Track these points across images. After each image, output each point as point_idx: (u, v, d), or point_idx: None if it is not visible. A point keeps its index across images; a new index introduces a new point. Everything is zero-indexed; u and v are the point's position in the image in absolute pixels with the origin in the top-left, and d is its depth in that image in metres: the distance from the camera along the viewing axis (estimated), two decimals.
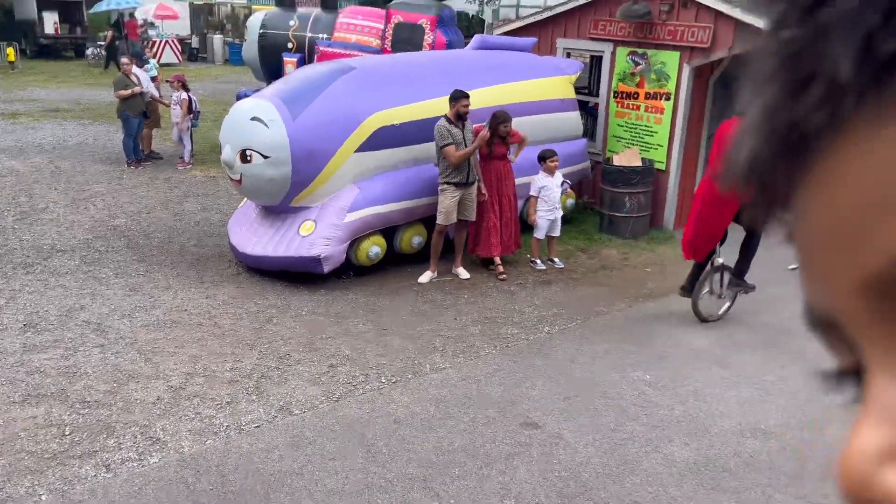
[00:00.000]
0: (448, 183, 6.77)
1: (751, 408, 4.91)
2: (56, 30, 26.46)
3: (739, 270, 6.26)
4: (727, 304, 6.39)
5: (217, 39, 27.00)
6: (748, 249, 6.13)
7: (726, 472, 4.22)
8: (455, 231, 7.09)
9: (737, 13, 7.56)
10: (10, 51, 22.84)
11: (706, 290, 6.26)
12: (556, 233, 7.56)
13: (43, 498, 3.78)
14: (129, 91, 10.50)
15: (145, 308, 6.17)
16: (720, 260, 6.19)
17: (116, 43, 22.79)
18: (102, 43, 23.99)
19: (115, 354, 5.33)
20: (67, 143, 12.34)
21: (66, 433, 4.34)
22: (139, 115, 10.77)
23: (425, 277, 6.99)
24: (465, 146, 6.72)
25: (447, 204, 6.81)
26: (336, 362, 5.39)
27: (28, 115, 14.69)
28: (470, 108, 6.79)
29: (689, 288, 6.27)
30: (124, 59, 11.19)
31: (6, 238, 7.69)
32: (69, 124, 14.01)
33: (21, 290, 6.39)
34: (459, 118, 6.75)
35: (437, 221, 6.90)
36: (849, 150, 0.26)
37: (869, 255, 0.26)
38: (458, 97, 6.74)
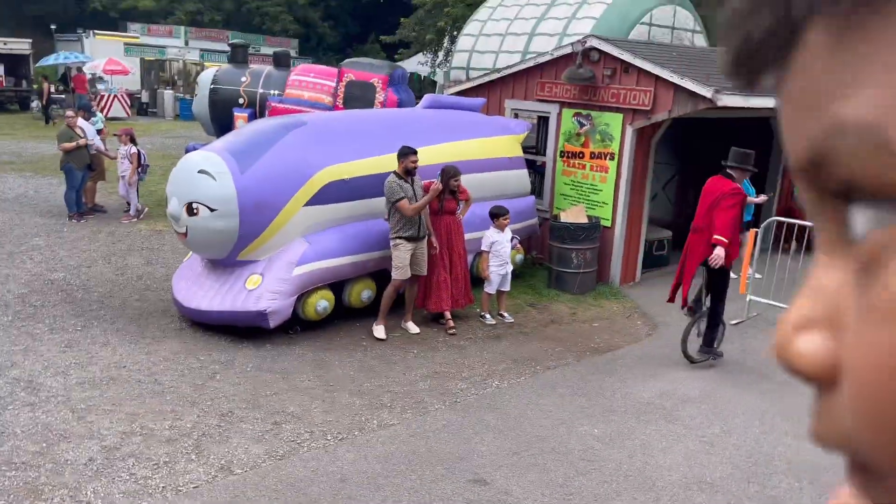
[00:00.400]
0: (401, 237, 6.79)
1: (697, 461, 4.95)
2: (1, 82, 26.01)
3: (709, 339, 6.55)
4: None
5: (168, 94, 26.91)
6: (714, 317, 6.48)
7: None
8: (406, 286, 7.08)
9: (675, 78, 7.92)
10: None
11: (694, 332, 6.58)
12: (507, 287, 7.62)
13: None
14: (73, 143, 10.32)
15: (81, 364, 5.94)
16: (706, 308, 6.52)
17: (53, 97, 22.46)
18: (36, 99, 23.48)
19: (45, 413, 5.08)
20: (6, 196, 11.99)
21: None
22: (84, 167, 10.57)
23: (381, 332, 6.91)
24: (416, 201, 6.78)
25: (403, 258, 6.82)
26: (280, 419, 5.25)
27: None
28: (421, 164, 6.89)
29: (694, 308, 6.61)
30: (69, 112, 11.03)
31: None
32: (10, 177, 13.65)
33: None
34: (408, 173, 6.83)
35: (394, 276, 6.88)
36: (817, 43, 0.30)
37: (809, 130, 0.30)
38: (407, 153, 6.83)
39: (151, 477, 4.41)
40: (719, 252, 6.07)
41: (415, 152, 6.83)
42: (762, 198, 9.63)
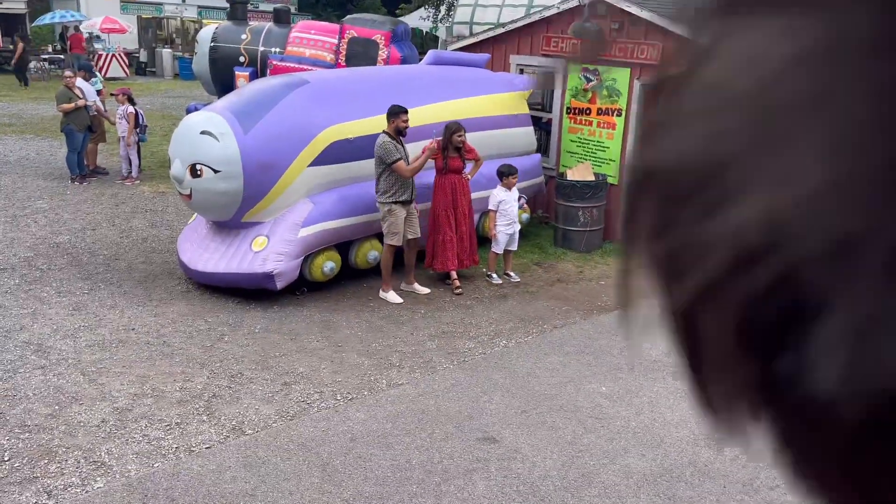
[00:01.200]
0: (396, 202, 6.69)
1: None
2: None
3: None
4: None
5: (166, 53, 26.54)
6: None
7: (682, 482, 4.25)
8: (404, 249, 6.99)
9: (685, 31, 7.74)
10: None
11: None
12: (514, 247, 7.59)
13: None
14: (72, 104, 10.20)
15: (90, 327, 5.96)
16: None
17: (28, 57, 22.02)
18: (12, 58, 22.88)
19: (57, 376, 5.12)
20: (8, 159, 11.91)
21: (5, 459, 4.14)
22: (84, 129, 10.46)
23: (394, 297, 6.87)
24: (408, 163, 6.66)
25: (397, 224, 6.71)
26: (290, 380, 5.28)
27: None
28: (425, 122, 6.78)
29: None
30: (67, 73, 10.89)
31: None
32: (10, 139, 13.54)
33: None
34: (399, 134, 6.64)
35: (389, 242, 6.78)
36: None
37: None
38: (398, 112, 6.60)
39: (164, 438, 4.45)
40: None
41: (406, 111, 6.62)
42: None
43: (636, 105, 8.45)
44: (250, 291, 6.66)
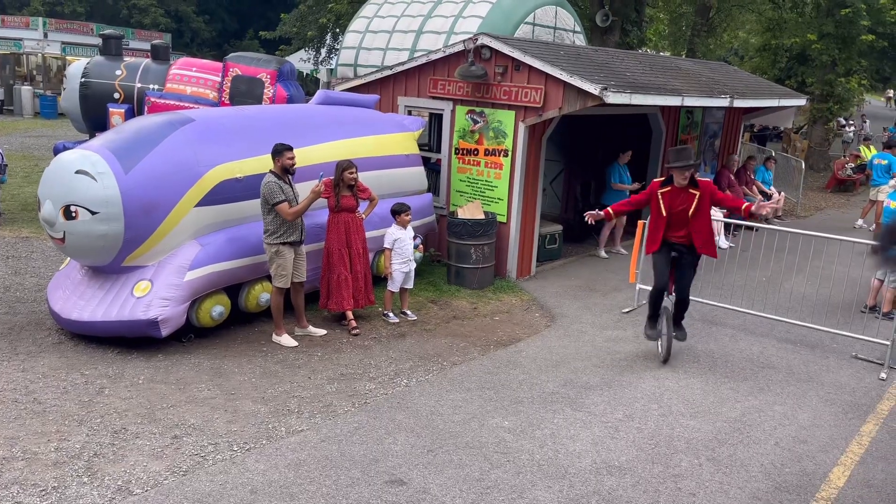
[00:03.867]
0: (284, 243, 6.50)
1: (604, 446, 5.11)
2: None
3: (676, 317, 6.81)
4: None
5: (26, 91, 24.83)
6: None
7: None
8: (292, 293, 6.79)
9: (565, 76, 8.16)
10: None
11: (663, 331, 6.72)
12: (410, 285, 7.58)
13: None
14: None
15: None
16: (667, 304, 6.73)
17: None
18: None
19: None
20: None
21: None
22: None
23: (289, 341, 6.64)
24: (297, 203, 6.54)
25: (285, 265, 6.51)
26: (180, 433, 4.95)
27: None
28: (316, 161, 6.68)
29: (652, 332, 6.76)
30: None
31: None
32: None
33: None
34: (286, 172, 6.50)
35: (276, 285, 6.57)
36: None
37: None
38: (281, 150, 6.43)
39: None
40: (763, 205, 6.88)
41: (290, 149, 6.48)
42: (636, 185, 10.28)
43: (521, 146, 8.76)
44: (132, 340, 6.24)
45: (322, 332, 6.93)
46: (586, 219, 6.72)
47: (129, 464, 4.51)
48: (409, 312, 7.59)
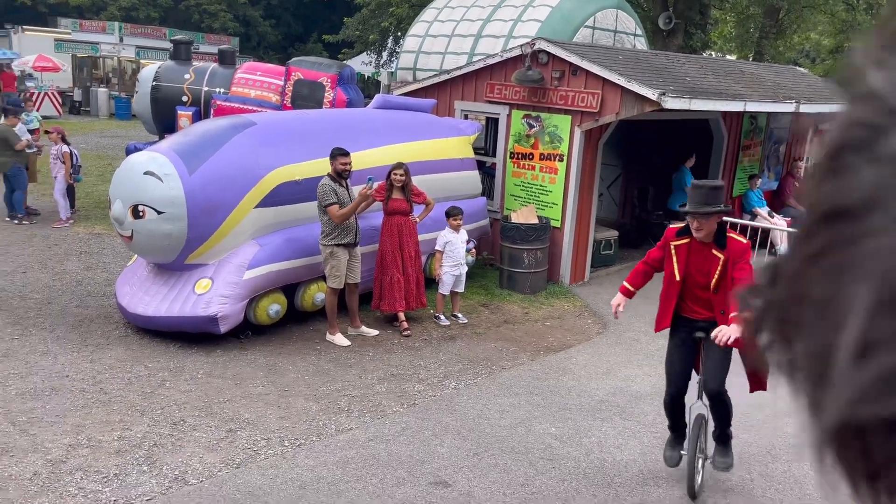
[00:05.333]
0: (338, 245, 6.65)
1: (651, 456, 5.05)
2: None
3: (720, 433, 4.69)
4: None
5: (102, 92, 25.95)
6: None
7: None
8: (347, 294, 6.93)
9: (622, 81, 8.08)
10: None
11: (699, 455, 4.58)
12: (461, 288, 7.64)
13: None
14: (25, 142, 10.20)
15: (20, 375, 5.67)
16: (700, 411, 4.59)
17: None
18: None
19: None
20: None
21: None
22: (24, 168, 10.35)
23: (342, 340, 6.79)
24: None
25: (339, 266, 6.66)
26: (235, 427, 5.12)
27: None
28: (372, 164, 6.81)
29: (671, 454, 4.77)
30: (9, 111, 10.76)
31: None
32: None
33: None
34: (340, 176, 6.65)
35: (330, 285, 6.73)
36: None
37: None
38: (336, 155, 6.62)
39: (101, 490, 4.24)
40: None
41: (345, 153, 6.66)
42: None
43: (577, 151, 8.72)
44: (192, 335, 6.48)
45: (374, 332, 7.06)
46: (613, 311, 4.75)
47: (186, 454, 4.70)
48: (460, 315, 7.65)
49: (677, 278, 4.41)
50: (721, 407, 4.47)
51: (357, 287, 6.95)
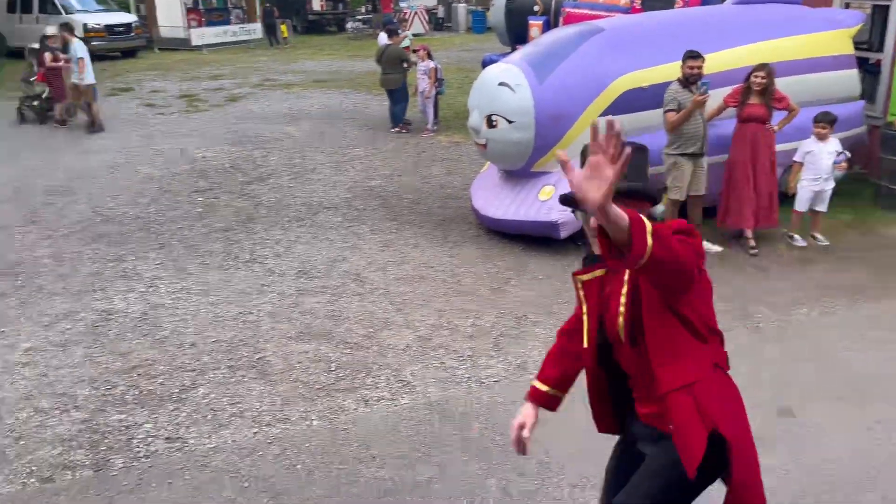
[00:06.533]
0: (682, 154, 6.37)
1: None
2: (322, 7, 29.22)
3: None
4: None
5: (461, 8, 27.91)
6: None
7: None
8: (689, 206, 6.63)
9: None
10: (284, 27, 25.66)
11: None
12: (823, 207, 6.79)
13: (314, 423, 4.29)
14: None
15: (396, 263, 6.66)
16: None
17: (277, 19, 24.88)
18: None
19: (371, 303, 5.84)
20: (331, 111, 13.62)
21: (332, 369, 4.87)
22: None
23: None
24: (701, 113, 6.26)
25: (681, 177, 6.41)
26: None
27: (299, 86, 16.44)
28: (729, 67, 6.31)
29: None
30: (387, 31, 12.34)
31: (284, 195, 8.74)
32: (332, 93, 15.44)
33: (295, 241, 7.24)
34: (689, 81, 6.29)
35: (671, 197, 6.52)
36: None
37: None
38: (685, 58, 6.30)
39: (458, 367, 4.87)
40: None
41: (696, 56, 6.27)
42: None
43: None
44: (535, 238, 6.89)
45: (718, 248, 6.71)
46: None
47: (527, 347, 5.12)
48: (819, 237, 6.85)
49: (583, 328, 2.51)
50: None
51: (701, 199, 6.64)
